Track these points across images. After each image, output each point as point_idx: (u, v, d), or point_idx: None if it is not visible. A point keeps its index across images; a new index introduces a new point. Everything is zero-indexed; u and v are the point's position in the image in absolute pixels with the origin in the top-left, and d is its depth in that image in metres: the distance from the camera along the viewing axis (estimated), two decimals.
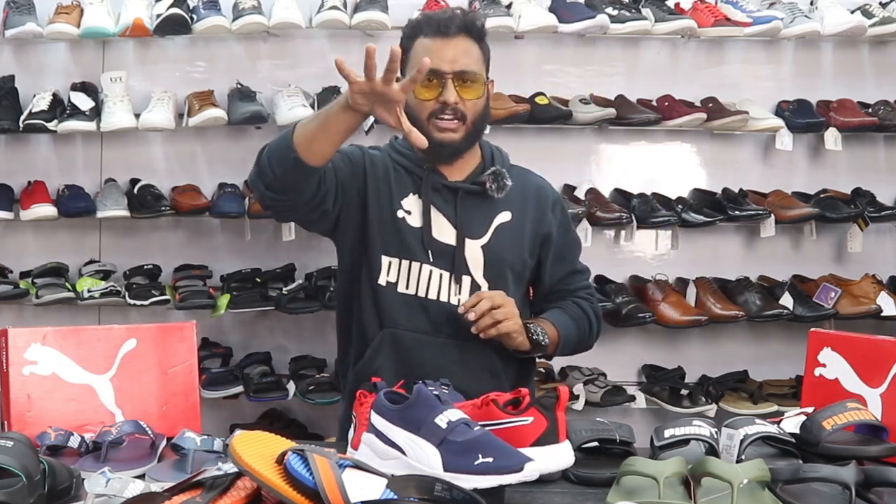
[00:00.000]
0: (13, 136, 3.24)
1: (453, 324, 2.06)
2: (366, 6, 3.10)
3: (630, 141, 3.41)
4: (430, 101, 2.04)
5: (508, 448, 1.40)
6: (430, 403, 1.48)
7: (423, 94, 2.04)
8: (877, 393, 1.74)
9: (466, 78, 2.05)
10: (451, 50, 2.05)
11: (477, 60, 2.09)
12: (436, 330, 2.08)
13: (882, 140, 3.45)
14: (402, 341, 2.08)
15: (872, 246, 3.39)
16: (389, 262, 2.09)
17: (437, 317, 2.08)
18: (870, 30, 3.22)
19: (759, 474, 1.35)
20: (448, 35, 2.06)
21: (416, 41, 2.10)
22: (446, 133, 2.05)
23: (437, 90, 2.04)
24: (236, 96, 3.19)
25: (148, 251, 3.30)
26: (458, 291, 2.08)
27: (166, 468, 1.58)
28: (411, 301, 2.08)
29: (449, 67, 2.03)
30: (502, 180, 2.10)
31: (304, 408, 3.28)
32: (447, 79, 2.03)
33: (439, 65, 2.02)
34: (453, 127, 2.05)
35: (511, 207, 2.14)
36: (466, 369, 2.06)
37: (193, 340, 1.87)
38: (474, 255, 2.10)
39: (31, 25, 3.04)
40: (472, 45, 2.08)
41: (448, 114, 2.04)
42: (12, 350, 1.74)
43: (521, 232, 2.14)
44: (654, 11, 3.17)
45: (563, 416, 1.49)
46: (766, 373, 3.30)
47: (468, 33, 2.08)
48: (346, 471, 1.23)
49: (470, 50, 2.08)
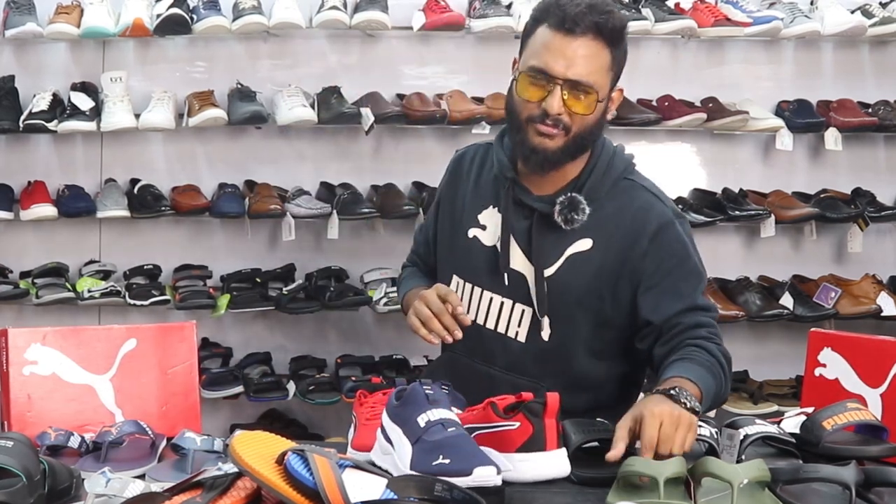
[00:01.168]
0: (13, 136, 3.23)
1: (508, 358, 1.90)
2: (366, 6, 3.10)
3: (630, 141, 3.38)
4: (533, 103, 1.78)
5: (473, 452, 1.38)
6: (418, 402, 1.49)
7: (527, 92, 1.79)
8: (877, 393, 1.74)
9: (579, 88, 1.76)
10: (571, 50, 1.75)
11: (600, 69, 1.78)
12: (489, 360, 1.92)
13: (882, 140, 3.45)
14: (458, 365, 1.95)
15: (872, 246, 3.39)
16: (470, 287, 1.94)
17: (493, 346, 1.91)
18: (870, 30, 3.22)
19: (759, 474, 1.35)
20: (574, 33, 1.75)
21: (539, 27, 1.80)
22: (542, 139, 1.79)
23: (543, 93, 1.77)
24: (236, 96, 3.19)
25: (148, 251, 3.30)
26: (518, 324, 1.89)
27: (166, 468, 1.58)
28: (475, 329, 1.88)
29: (562, 72, 1.75)
30: (572, 212, 1.81)
31: (304, 408, 3.28)
32: (556, 84, 1.75)
33: (552, 66, 1.75)
34: (552, 134, 1.78)
35: (594, 234, 1.84)
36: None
37: (193, 340, 1.87)
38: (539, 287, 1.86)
39: (31, 25, 3.04)
40: (600, 50, 1.77)
41: (549, 122, 1.78)
42: (12, 350, 1.74)
43: (601, 262, 1.84)
44: (654, 11, 3.17)
45: (552, 424, 1.41)
46: (766, 373, 3.30)
47: (598, 34, 1.76)
48: (346, 471, 1.23)
49: (595, 55, 1.77)
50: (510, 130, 1.89)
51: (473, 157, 2.02)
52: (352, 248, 3.32)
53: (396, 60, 3.36)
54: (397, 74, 3.35)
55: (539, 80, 1.77)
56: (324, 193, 3.29)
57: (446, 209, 2.02)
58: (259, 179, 3.30)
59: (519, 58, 1.86)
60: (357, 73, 3.34)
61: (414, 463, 1.41)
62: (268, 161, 3.36)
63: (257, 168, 3.35)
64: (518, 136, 1.84)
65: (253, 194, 3.20)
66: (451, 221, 2.00)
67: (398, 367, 3.20)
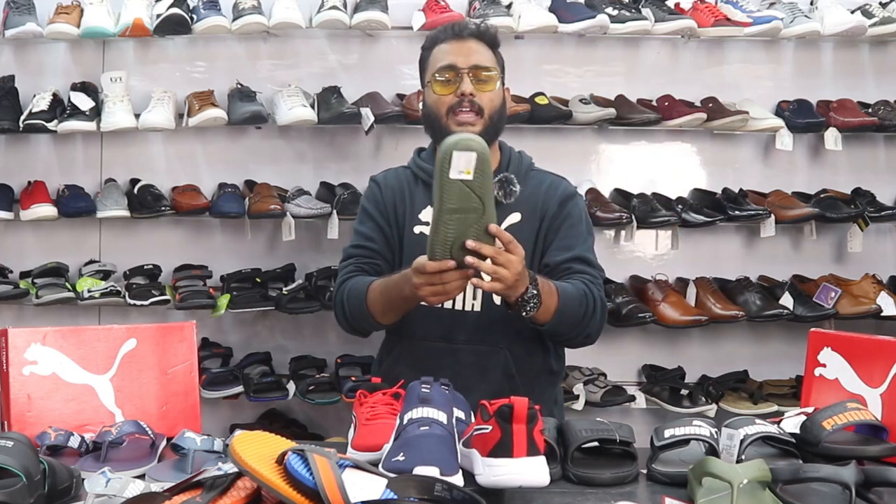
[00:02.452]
0: (13, 136, 3.24)
1: (467, 330, 2.14)
2: (366, 6, 3.10)
3: (630, 141, 3.41)
4: (448, 95, 2.14)
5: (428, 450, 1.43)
6: (410, 400, 1.55)
7: (440, 90, 2.16)
8: (877, 393, 1.74)
9: (481, 72, 2.14)
10: (465, 48, 2.17)
11: (490, 60, 2.19)
12: (450, 338, 2.15)
13: (882, 140, 3.45)
14: (419, 350, 2.17)
15: (872, 246, 3.39)
16: None
17: (452, 325, 2.14)
18: (870, 30, 3.21)
19: (760, 474, 1.35)
20: (462, 37, 2.19)
21: (433, 49, 2.22)
22: (465, 126, 2.11)
23: (455, 85, 2.14)
24: (236, 96, 3.19)
25: (148, 251, 3.30)
26: (473, 297, 2.13)
27: (166, 468, 1.58)
28: (427, 311, 2.11)
29: (464, 62, 2.14)
30: (510, 186, 2.14)
31: (304, 408, 3.28)
32: (463, 73, 2.14)
33: (455, 60, 2.15)
34: (471, 120, 2.12)
35: (521, 209, 2.17)
36: (481, 372, 2.13)
37: (193, 340, 1.88)
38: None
39: (31, 25, 3.04)
40: (485, 49, 2.20)
41: (465, 106, 2.12)
42: (12, 350, 1.74)
43: (530, 231, 2.16)
44: (654, 11, 3.17)
45: (520, 430, 1.41)
46: (766, 373, 3.30)
47: (481, 38, 2.20)
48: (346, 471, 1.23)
49: (483, 50, 2.19)
50: (433, 136, 2.22)
51: (396, 177, 2.29)
52: None
53: (396, 60, 3.36)
54: (397, 74, 3.35)
55: (448, 75, 2.15)
56: (324, 193, 3.29)
57: (383, 221, 2.23)
58: (259, 179, 3.30)
59: (422, 83, 2.25)
60: (357, 73, 3.35)
61: (385, 459, 1.46)
62: (268, 161, 3.36)
63: (257, 168, 3.35)
64: (442, 135, 2.09)
65: (253, 194, 3.20)
66: (394, 228, 2.23)
67: None
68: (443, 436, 1.47)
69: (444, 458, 1.41)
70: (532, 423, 1.42)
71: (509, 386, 2.12)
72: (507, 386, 2.11)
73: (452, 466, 1.41)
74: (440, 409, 1.51)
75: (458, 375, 1.98)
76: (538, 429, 1.44)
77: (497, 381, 2.13)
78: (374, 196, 2.29)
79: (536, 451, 1.42)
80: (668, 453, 1.60)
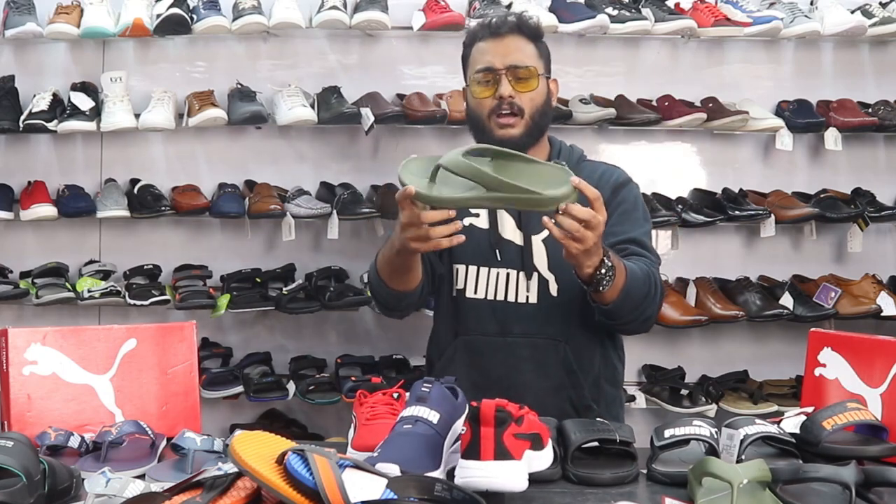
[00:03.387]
0: (13, 136, 3.23)
1: (522, 323, 2.09)
2: (366, 6, 3.10)
3: (630, 141, 3.41)
4: (488, 98, 2.10)
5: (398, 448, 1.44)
6: (410, 399, 1.56)
7: (480, 92, 2.12)
8: (877, 393, 1.74)
9: (519, 71, 2.09)
10: (503, 47, 2.12)
11: (531, 56, 2.13)
12: (505, 331, 2.10)
13: (882, 140, 3.45)
14: (474, 347, 2.13)
15: (872, 246, 3.39)
16: (457, 269, 2.15)
17: (506, 318, 2.10)
18: (870, 30, 3.21)
19: (760, 474, 1.35)
20: (500, 34, 2.13)
21: (473, 47, 2.17)
22: (506, 129, 2.08)
23: (494, 87, 2.10)
24: (236, 96, 3.19)
25: (148, 251, 3.30)
26: (527, 289, 2.10)
27: (166, 468, 1.58)
28: (480, 305, 2.11)
29: (501, 63, 2.09)
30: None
31: (304, 408, 3.28)
32: (500, 74, 2.09)
33: (492, 61, 2.10)
34: (512, 122, 2.09)
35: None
36: (540, 367, 2.09)
37: (193, 340, 1.87)
38: (539, 251, 2.10)
39: (31, 25, 3.04)
40: (525, 44, 2.14)
41: (506, 108, 2.08)
42: (12, 350, 1.74)
43: None
44: (654, 11, 3.17)
45: (487, 432, 1.36)
46: (766, 373, 3.30)
47: (520, 32, 2.14)
48: (346, 471, 1.23)
49: (523, 47, 2.13)
50: (476, 137, 2.16)
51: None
52: (352, 248, 3.32)
53: (396, 60, 3.37)
54: (397, 74, 3.35)
55: (486, 77, 2.11)
56: (324, 193, 3.29)
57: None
58: (259, 179, 3.30)
59: (465, 79, 2.21)
60: (357, 73, 3.35)
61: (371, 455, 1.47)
62: (268, 161, 3.36)
63: (257, 168, 3.35)
64: (485, 137, 2.09)
65: (253, 194, 3.20)
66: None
67: (398, 367, 3.20)
68: (425, 434, 1.47)
69: (411, 456, 1.41)
70: (502, 427, 1.36)
71: (570, 382, 2.09)
72: (567, 382, 2.09)
73: (420, 465, 1.39)
74: (434, 408, 1.50)
75: (515, 370, 2.00)
76: (511, 432, 1.37)
77: (557, 376, 2.08)
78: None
79: (506, 455, 1.36)
80: (668, 453, 1.60)
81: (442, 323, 2.22)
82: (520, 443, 1.39)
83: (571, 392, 2.10)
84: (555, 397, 2.07)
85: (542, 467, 1.47)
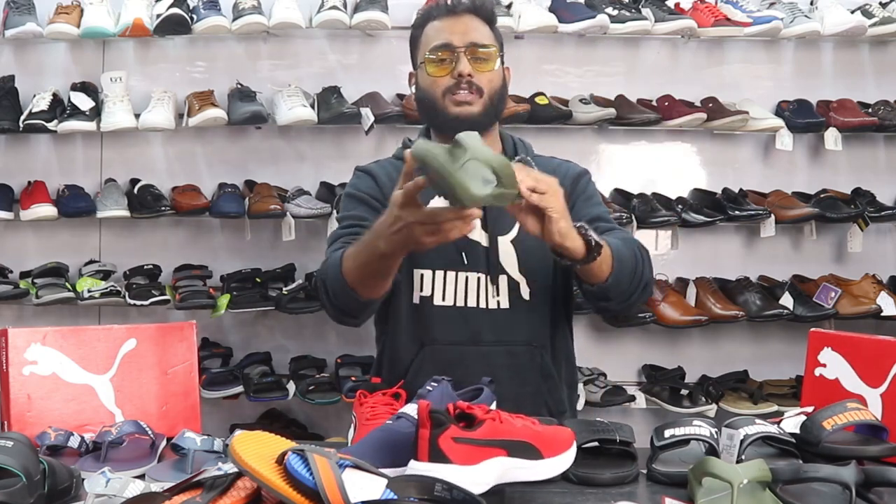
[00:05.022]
0: (13, 136, 3.24)
1: (496, 330, 1.98)
2: (366, 6, 3.10)
3: (630, 141, 3.42)
4: (444, 76, 1.99)
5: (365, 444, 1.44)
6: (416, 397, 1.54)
7: (435, 70, 2.00)
8: (877, 393, 1.74)
9: (479, 51, 1.99)
10: (461, 25, 2.01)
11: (489, 37, 2.03)
12: (477, 339, 1.99)
13: (882, 140, 3.45)
14: (444, 356, 1.98)
15: (872, 246, 3.39)
16: (422, 274, 2.00)
17: (479, 325, 1.99)
18: (870, 30, 3.22)
19: (760, 474, 1.35)
20: (457, 13, 2.03)
21: (426, 27, 2.07)
22: (463, 107, 1.97)
23: (451, 65, 1.98)
24: (236, 96, 3.19)
25: (148, 251, 3.30)
26: (496, 293, 1.98)
27: (166, 468, 1.58)
28: (450, 313, 1.98)
29: (460, 40, 1.99)
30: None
31: (304, 408, 3.28)
32: (459, 52, 1.98)
33: (450, 38, 1.99)
34: (470, 99, 1.97)
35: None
36: (517, 375, 1.98)
37: (193, 340, 1.87)
38: (506, 252, 1.99)
39: (31, 25, 3.04)
40: (482, 25, 2.04)
41: (463, 87, 1.97)
42: (12, 350, 1.74)
43: None
44: (654, 11, 3.17)
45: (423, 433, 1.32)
46: (766, 373, 3.30)
47: (477, 13, 2.04)
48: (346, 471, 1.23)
49: (480, 27, 2.03)
50: (429, 120, 2.07)
51: (390, 167, 2.10)
52: None
53: (396, 60, 3.35)
54: (397, 74, 3.33)
55: (443, 55, 1.99)
56: (324, 193, 3.29)
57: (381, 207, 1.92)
58: (259, 179, 3.30)
59: (414, 63, 2.10)
60: (357, 73, 3.35)
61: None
62: (268, 161, 3.36)
63: (257, 168, 3.35)
64: (438, 118, 2.00)
65: (253, 194, 3.20)
66: None
67: None
68: (401, 432, 1.43)
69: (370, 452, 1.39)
70: (438, 429, 1.31)
71: (547, 387, 2.01)
72: (544, 387, 2.01)
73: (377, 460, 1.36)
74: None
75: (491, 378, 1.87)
76: (450, 435, 1.32)
77: (534, 382, 1.99)
78: (367, 184, 2.08)
79: (442, 458, 1.31)
80: (668, 453, 1.60)
81: (400, 333, 2.04)
82: (469, 448, 1.33)
83: (548, 397, 2.03)
84: (532, 404, 1.97)
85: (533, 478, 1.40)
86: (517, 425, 1.40)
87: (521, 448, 1.38)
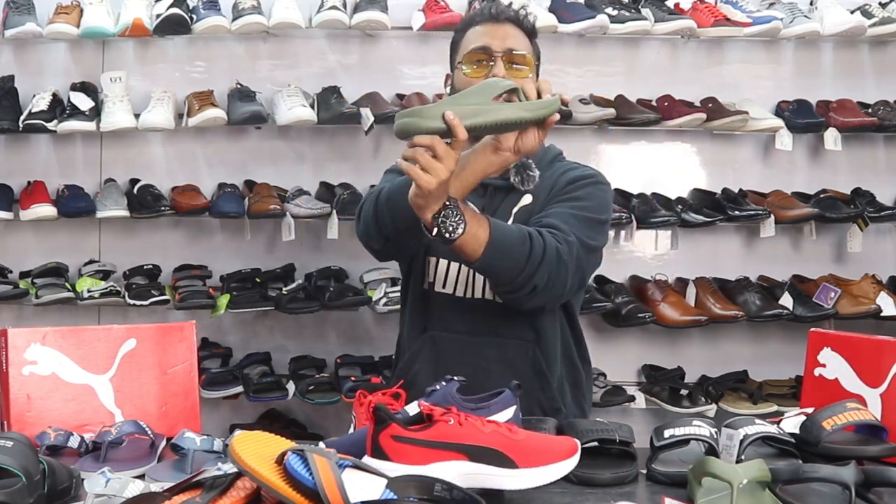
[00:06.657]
0: (13, 136, 3.24)
1: (491, 323, 2.02)
2: (366, 6, 3.10)
3: (630, 141, 3.42)
4: (479, 78, 1.97)
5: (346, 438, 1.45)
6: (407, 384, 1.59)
7: (472, 72, 2.02)
8: (877, 393, 1.74)
9: (516, 57, 2.01)
10: (501, 31, 2.04)
11: (526, 47, 2.06)
12: (473, 330, 2.03)
13: (882, 140, 3.45)
14: (441, 344, 2.04)
15: (872, 246, 3.39)
16: (433, 262, 2.05)
17: (475, 316, 2.03)
18: (870, 30, 3.22)
19: (759, 474, 1.35)
20: (499, 21, 2.06)
21: (468, 31, 2.09)
22: None
23: (486, 68, 2.00)
24: (236, 96, 3.19)
25: (148, 251, 3.30)
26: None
27: (166, 468, 1.58)
28: (448, 301, 2.03)
29: (499, 46, 2.01)
30: (527, 172, 2.02)
31: (304, 408, 3.28)
32: (497, 57, 2.00)
33: (489, 42, 2.01)
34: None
35: (533, 192, 2.04)
36: (508, 369, 1.99)
37: (193, 340, 1.87)
38: None
39: (31, 25, 3.04)
40: (522, 35, 2.06)
41: None
42: (12, 350, 1.74)
43: (539, 209, 2.01)
44: (653, 11, 3.17)
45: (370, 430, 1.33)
46: (766, 373, 3.30)
47: (518, 24, 2.07)
48: (346, 471, 1.23)
49: (520, 36, 2.06)
50: None
51: None
52: (352, 248, 3.31)
53: (396, 60, 3.37)
54: (397, 74, 3.35)
55: (480, 57, 2.01)
56: (323, 193, 3.29)
57: None
58: (259, 179, 3.30)
59: (452, 65, 2.12)
60: (357, 73, 3.35)
61: None
62: (267, 161, 3.36)
63: (257, 168, 3.35)
64: None
65: (253, 194, 3.20)
66: None
67: None
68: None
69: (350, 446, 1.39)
70: (380, 426, 1.32)
71: (539, 384, 2.01)
72: (536, 384, 2.01)
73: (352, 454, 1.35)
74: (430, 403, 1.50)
75: (483, 371, 1.92)
76: (389, 433, 1.32)
77: (526, 378, 1.95)
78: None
79: (382, 455, 1.32)
80: (668, 453, 1.60)
81: (411, 317, 2.12)
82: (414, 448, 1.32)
83: (540, 394, 2.03)
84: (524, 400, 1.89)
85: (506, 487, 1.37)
86: (485, 431, 1.37)
87: (487, 454, 1.36)
